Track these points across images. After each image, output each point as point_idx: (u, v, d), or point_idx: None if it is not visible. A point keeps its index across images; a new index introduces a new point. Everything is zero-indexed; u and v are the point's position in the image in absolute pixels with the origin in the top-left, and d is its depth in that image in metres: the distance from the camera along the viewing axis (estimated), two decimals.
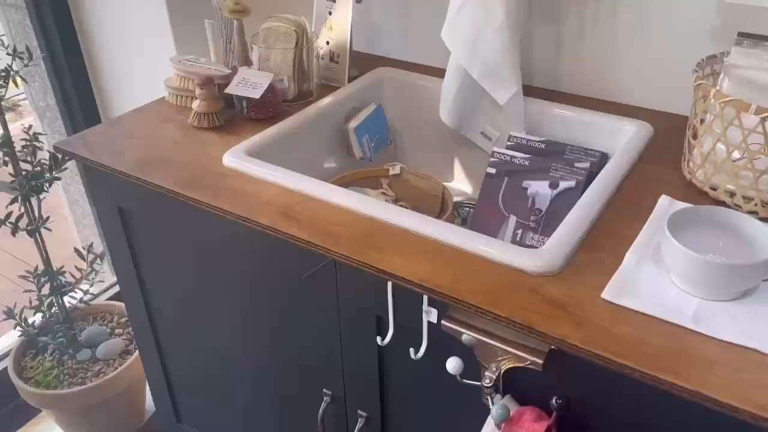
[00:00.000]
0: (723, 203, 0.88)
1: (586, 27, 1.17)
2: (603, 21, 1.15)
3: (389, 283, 0.85)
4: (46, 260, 1.50)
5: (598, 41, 1.17)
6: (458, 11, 1.10)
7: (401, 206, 1.19)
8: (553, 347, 0.74)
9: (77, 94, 1.60)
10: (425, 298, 0.82)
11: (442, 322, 0.81)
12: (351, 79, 1.31)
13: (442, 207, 1.20)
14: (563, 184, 1.03)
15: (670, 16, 1.08)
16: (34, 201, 1.44)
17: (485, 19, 1.08)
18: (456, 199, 1.28)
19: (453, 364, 0.82)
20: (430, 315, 0.83)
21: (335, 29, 1.27)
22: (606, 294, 0.74)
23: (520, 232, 1.05)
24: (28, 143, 1.35)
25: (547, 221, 1.03)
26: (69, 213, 1.95)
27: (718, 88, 0.92)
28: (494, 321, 0.74)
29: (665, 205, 0.89)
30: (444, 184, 1.20)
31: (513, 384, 0.81)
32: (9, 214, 1.39)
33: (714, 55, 0.96)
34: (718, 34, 1.05)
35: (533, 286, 0.77)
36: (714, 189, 0.90)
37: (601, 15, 1.14)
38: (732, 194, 0.88)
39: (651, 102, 1.16)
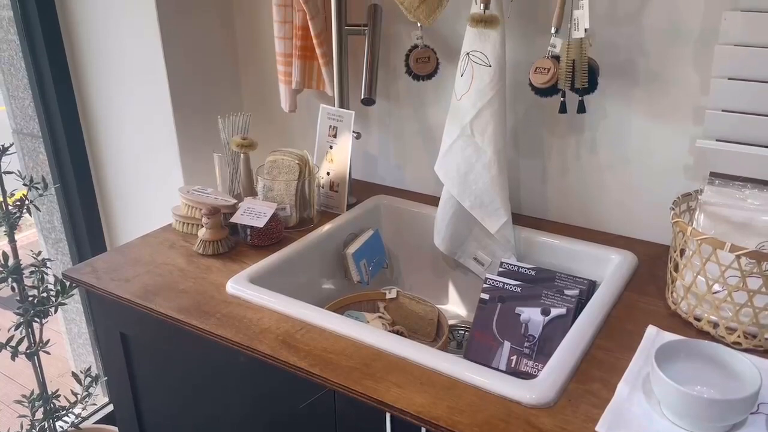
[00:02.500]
0: (707, 334, 0.92)
1: (569, 162, 1.25)
2: (584, 158, 1.23)
3: (387, 415, 0.86)
4: (42, 384, 1.49)
5: (580, 175, 1.25)
6: (450, 147, 1.19)
7: (397, 330, 1.22)
8: None
9: (85, 218, 1.65)
10: (423, 430, 0.83)
11: None
12: (349, 207, 1.37)
13: (437, 331, 1.23)
14: (554, 311, 1.07)
15: (646, 154, 1.17)
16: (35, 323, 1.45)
17: (475, 155, 1.16)
18: (451, 322, 1.31)
19: None
20: None
21: (335, 161, 1.35)
22: (600, 427, 0.76)
23: (514, 358, 1.08)
24: (36, 269, 1.38)
25: (540, 347, 1.06)
26: (64, 330, 1.96)
27: (694, 225, 0.98)
28: None
29: (653, 335, 0.92)
30: (439, 307, 1.24)
31: None
32: (10, 338, 1.40)
33: (689, 193, 1.03)
34: (691, 171, 1.13)
35: (528, 417, 0.79)
36: (698, 320, 0.93)
37: (582, 153, 1.23)
38: (715, 325, 0.91)
39: (633, 232, 1.22)
